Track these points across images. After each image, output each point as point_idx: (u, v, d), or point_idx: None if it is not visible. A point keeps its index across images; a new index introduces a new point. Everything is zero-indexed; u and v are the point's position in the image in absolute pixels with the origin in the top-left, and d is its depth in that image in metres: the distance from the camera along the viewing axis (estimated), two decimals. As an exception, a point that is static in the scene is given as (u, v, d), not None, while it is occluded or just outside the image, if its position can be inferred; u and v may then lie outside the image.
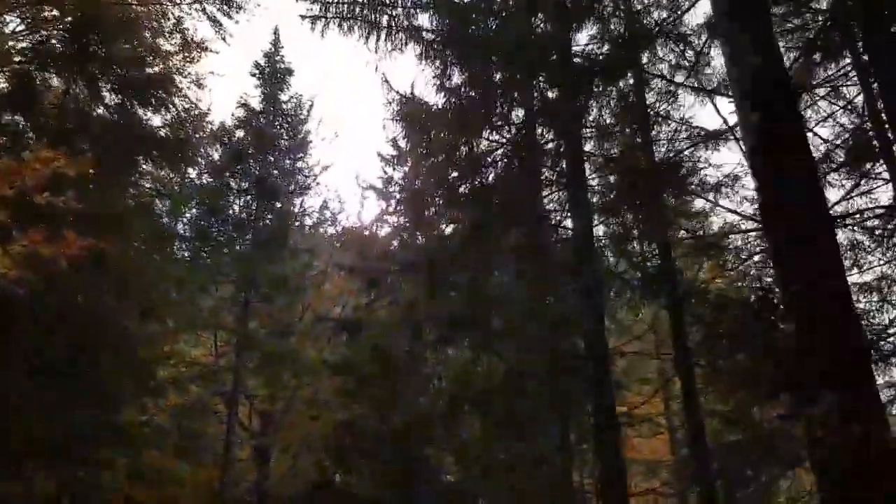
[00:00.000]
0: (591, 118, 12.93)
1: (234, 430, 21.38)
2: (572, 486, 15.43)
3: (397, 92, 14.03)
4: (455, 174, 14.66)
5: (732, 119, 11.63)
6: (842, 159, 10.54)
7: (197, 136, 18.18)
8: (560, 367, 12.88)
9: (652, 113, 12.72)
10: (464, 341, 18.28)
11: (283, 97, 23.63)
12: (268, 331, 22.04)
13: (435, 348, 21.65)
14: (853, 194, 10.41)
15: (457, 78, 13.67)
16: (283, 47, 23.91)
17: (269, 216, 22.38)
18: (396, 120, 14.77)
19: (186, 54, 16.66)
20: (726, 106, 12.01)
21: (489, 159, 14.31)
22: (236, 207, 22.74)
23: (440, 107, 13.89)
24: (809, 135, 10.25)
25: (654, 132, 12.86)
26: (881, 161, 9.85)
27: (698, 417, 11.46)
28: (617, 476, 10.67)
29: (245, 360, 21.59)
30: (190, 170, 21.79)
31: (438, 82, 13.69)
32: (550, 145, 13.61)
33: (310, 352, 23.16)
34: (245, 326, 21.66)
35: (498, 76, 13.58)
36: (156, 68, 16.59)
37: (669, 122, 12.75)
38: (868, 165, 10.36)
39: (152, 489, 20.38)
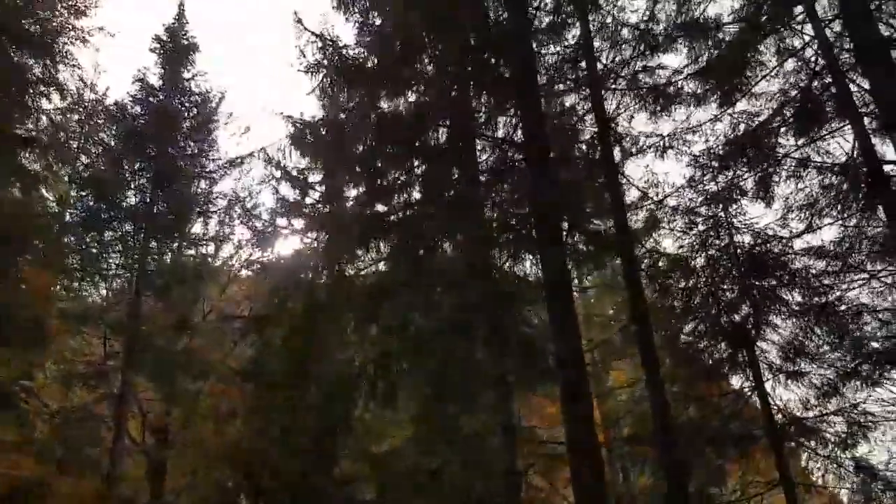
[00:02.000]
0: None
1: (122, 439, 18.76)
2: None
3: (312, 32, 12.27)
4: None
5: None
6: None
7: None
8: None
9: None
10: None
11: (186, 75, 21.38)
12: (162, 328, 19.57)
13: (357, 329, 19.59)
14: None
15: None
16: (187, 22, 21.79)
17: (165, 202, 19.96)
18: (312, 72, 13.02)
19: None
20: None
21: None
22: (130, 192, 20.26)
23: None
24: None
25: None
26: None
27: (661, 394, 10.08)
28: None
29: (135, 362, 19.01)
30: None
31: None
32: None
33: (213, 354, 20.80)
34: (136, 322, 19.13)
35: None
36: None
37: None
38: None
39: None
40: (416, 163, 13.60)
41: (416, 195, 13.74)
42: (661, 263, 12.39)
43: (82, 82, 20.95)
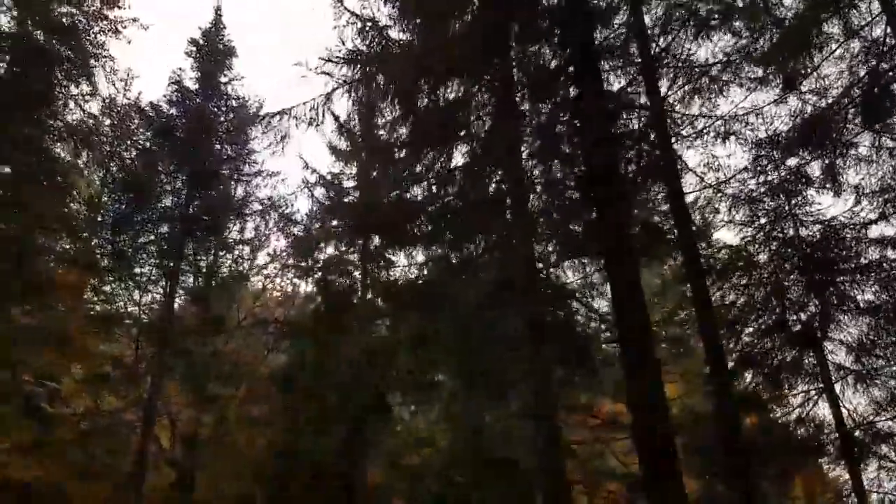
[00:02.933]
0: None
1: (148, 445, 18.15)
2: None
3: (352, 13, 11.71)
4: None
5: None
6: None
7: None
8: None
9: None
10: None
11: (223, 79, 21.11)
12: (194, 332, 19.04)
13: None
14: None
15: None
16: (224, 27, 21.57)
17: (201, 205, 19.52)
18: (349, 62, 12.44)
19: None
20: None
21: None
22: (165, 194, 19.89)
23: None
24: None
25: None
26: None
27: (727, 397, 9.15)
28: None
29: (166, 366, 18.46)
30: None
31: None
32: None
33: (247, 360, 20.24)
34: (168, 326, 18.63)
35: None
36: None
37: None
38: None
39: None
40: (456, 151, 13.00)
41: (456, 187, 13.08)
42: (721, 256, 11.52)
43: (115, 87, 20.92)
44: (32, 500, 17.07)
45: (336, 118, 19.42)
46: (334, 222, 21.84)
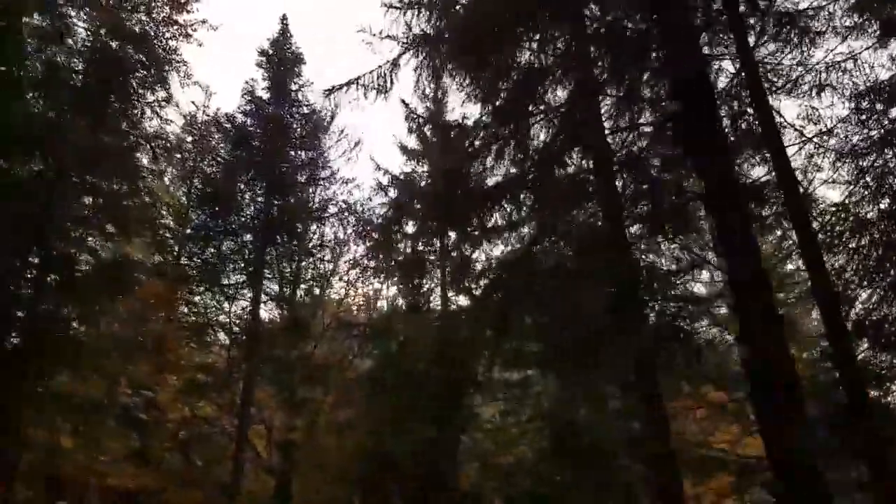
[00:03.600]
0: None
1: (243, 451, 18.23)
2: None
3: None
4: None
5: None
6: None
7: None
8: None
9: None
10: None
11: (293, 86, 21.20)
12: (282, 337, 19.09)
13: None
14: None
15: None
16: (291, 35, 21.72)
17: (279, 210, 19.60)
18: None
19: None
20: None
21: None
22: (245, 202, 20.11)
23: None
24: None
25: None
26: None
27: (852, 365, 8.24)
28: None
29: (255, 371, 18.57)
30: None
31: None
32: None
33: (333, 364, 20.17)
34: (256, 332, 18.75)
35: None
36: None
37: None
38: None
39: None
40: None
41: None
42: (829, 217, 10.60)
43: (195, 105, 21.38)
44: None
45: (405, 105, 19.20)
46: (409, 225, 21.69)
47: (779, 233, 11.72)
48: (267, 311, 19.79)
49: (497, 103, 11.68)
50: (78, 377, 17.24)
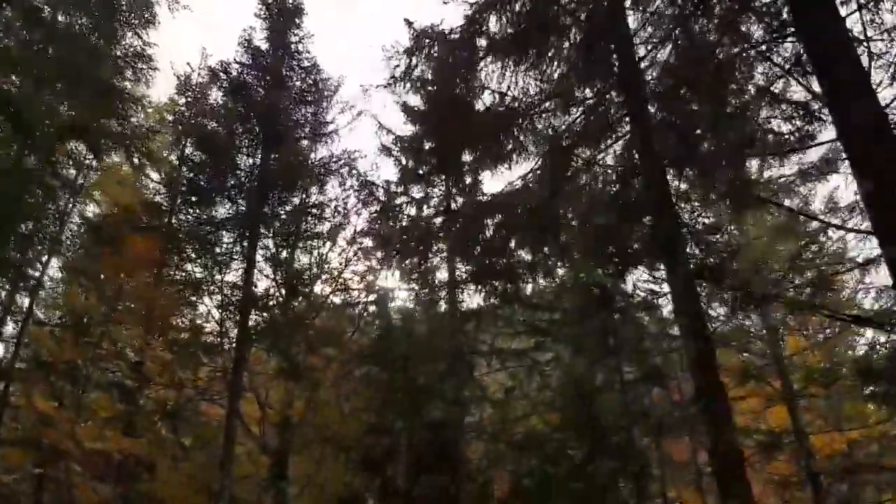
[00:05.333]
0: None
1: (234, 419, 16.69)
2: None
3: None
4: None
5: None
6: None
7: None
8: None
9: None
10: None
11: (293, 38, 19.72)
12: (277, 298, 17.64)
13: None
14: None
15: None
16: (290, -14, 20.25)
17: (276, 165, 18.07)
18: None
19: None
20: None
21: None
22: (241, 157, 18.61)
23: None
24: None
25: None
26: None
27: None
28: None
29: (249, 336, 17.07)
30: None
31: None
32: None
33: (331, 331, 18.70)
34: (250, 294, 17.26)
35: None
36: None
37: None
38: None
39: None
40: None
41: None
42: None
43: (189, 66, 19.98)
44: (124, 474, 16.03)
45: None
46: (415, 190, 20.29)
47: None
48: (262, 275, 18.31)
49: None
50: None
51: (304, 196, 18.92)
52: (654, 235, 10.71)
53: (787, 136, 10.72)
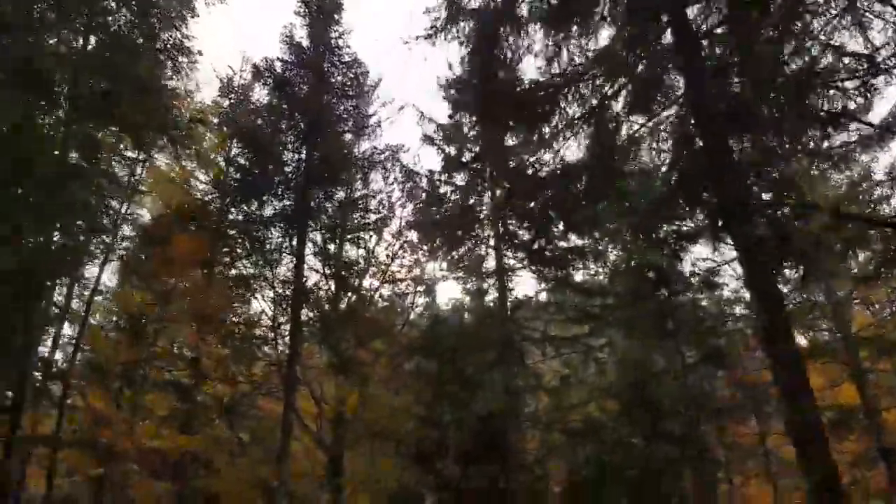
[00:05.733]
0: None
1: (290, 413, 16.52)
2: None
3: None
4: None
5: None
6: None
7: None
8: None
9: None
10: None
11: (334, 34, 19.50)
12: (326, 292, 17.45)
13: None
14: None
15: None
16: (329, -17, 20.11)
17: (321, 160, 17.86)
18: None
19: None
20: None
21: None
22: (286, 153, 18.49)
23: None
24: None
25: None
26: None
27: None
28: None
29: (301, 329, 16.92)
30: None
31: None
32: None
33: (381, 323, 18.46)
34: (300, 287, 17.11)
35: None
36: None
37: None
38: None
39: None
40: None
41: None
42: None
43: (231, 69, 19.98)
44: (180, 471, 16.04)
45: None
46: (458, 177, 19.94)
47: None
48: (312, 270, 18.14)
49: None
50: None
51: (349, 190, 18.73)
52: (718, 206, 10.10)
53: (851, 93, 10.09)
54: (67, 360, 16.63)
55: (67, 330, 17.69)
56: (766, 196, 12.16)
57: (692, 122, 10.57)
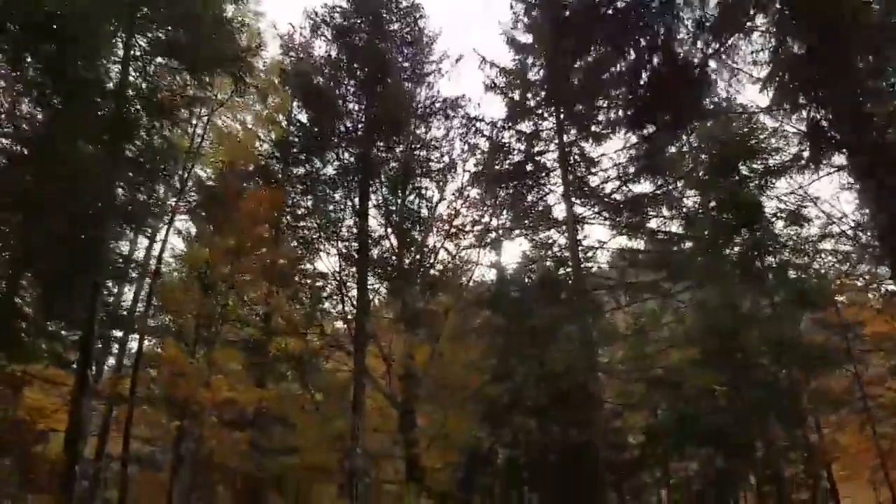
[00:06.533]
0: None
1: (362, 370, 16.02)
2: None
3: None
4: None
5: None
6: None
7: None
8: None
9: None
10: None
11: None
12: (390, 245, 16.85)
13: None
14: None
15: None
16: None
17: (380, 109, 17.10)
18: None
19: None
20: None
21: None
22: (347, 105, 17.83)
23: None
24: None
25: None
26: None
27: None
28: None
29: (366, 281, 16.39)
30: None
31: None
32: None
33: (448, 277, 17.82)
34: (365, 239, 16.55)
35: None
36: None
37: None
38: None
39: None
40: None
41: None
42: None
43: (291, 26, 19.35)
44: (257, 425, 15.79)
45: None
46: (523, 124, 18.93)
47: None
48: (377, 224, 17.58)
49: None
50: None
51: (409, 142, 17.96)
52: (833, 113, 9.02)
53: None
54: (141, 315, 16.45)
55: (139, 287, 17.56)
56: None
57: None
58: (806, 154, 15.97)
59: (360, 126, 17.53)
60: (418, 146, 17.96)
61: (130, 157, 12.44)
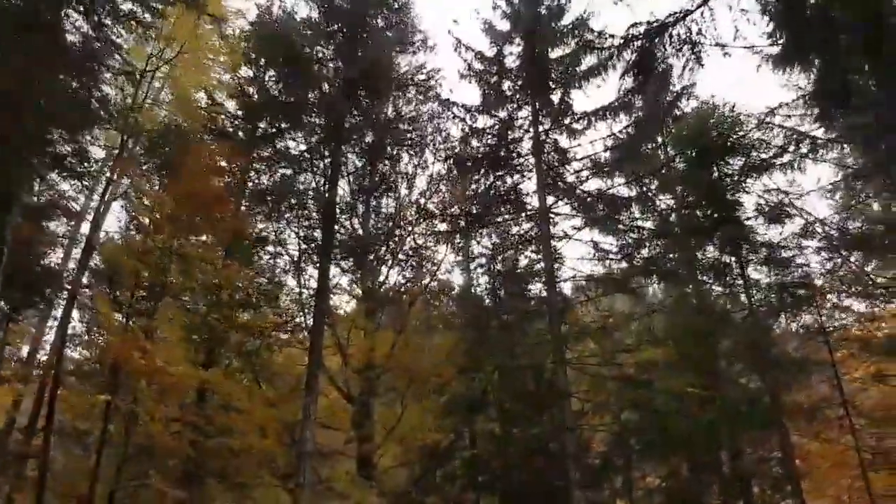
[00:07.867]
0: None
1: (316, 359, 14.31)
2: None
3: None
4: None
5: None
6: None
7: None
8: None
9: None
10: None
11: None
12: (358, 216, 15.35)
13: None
14: None
15: None
16: None
17: (359, 72, 15.67)
18: None
19: None
20: None
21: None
22: (322, 67, 16.30)
23: None
24: None
25: None
26: None
27: None
28: None
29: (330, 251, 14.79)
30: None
31: None
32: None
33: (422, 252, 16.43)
34: (332, 208, 14.99)
35: None
36: None
37: None
38: None
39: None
40: None
41: None
42: None
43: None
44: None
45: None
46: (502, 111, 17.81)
47: None
48: (345, 191, 16.08)
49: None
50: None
51: (385, 111, 16.61)
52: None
53: None
54: (76, 270, 14.50)
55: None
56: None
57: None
58: (792, 148, 15.22)
59: (334, 89, 16.00)
60: (395, 117, 16.61)
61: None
